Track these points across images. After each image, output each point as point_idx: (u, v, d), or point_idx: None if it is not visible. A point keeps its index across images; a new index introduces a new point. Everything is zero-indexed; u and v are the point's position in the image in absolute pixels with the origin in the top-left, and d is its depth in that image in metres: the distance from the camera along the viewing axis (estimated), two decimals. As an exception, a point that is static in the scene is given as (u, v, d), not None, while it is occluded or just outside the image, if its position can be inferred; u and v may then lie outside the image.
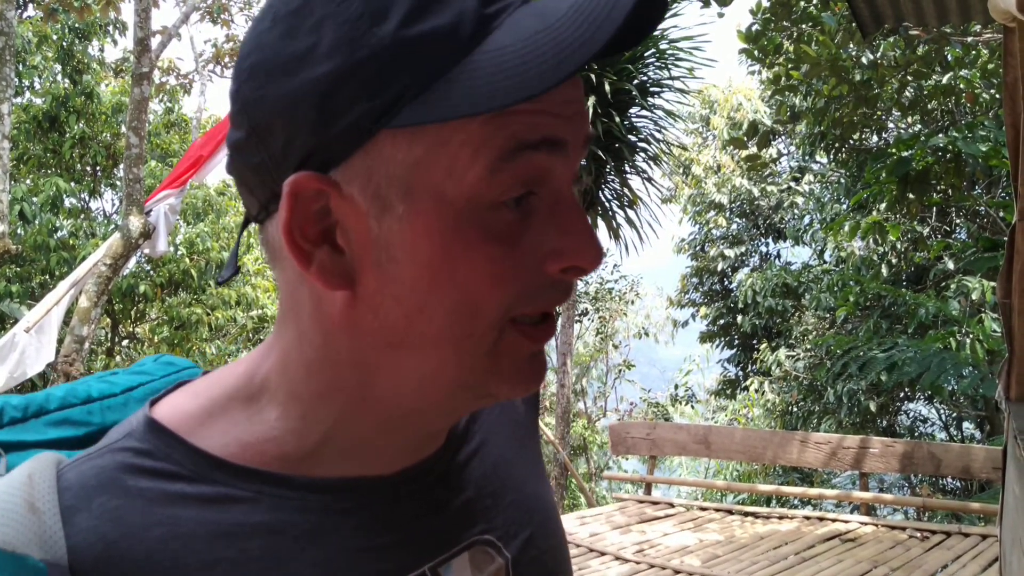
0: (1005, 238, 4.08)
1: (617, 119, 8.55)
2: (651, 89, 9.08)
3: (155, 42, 7.67)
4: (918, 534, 5.49)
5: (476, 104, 0.52)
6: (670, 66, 9.06)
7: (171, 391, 0.67)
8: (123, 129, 9.59)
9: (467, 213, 0.56)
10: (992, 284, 7.84)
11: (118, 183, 11.20)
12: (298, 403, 0.63)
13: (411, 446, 0.67)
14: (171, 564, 0.57)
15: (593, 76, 8.33)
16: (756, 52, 8.47)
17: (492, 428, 0.77)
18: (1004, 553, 4.08)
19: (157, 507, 0.58)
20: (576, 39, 0.52)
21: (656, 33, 8.91)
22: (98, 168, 11.35)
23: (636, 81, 8.85)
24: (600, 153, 8.54)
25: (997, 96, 8.33)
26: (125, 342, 12.27)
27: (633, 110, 9.01)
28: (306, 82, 0.54)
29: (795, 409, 11.80)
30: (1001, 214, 9.10)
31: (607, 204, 9.24)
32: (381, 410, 0.63)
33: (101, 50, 11.08)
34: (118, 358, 11.91)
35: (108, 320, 11.18)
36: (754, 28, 8.27)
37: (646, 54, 8.94)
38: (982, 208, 9.91)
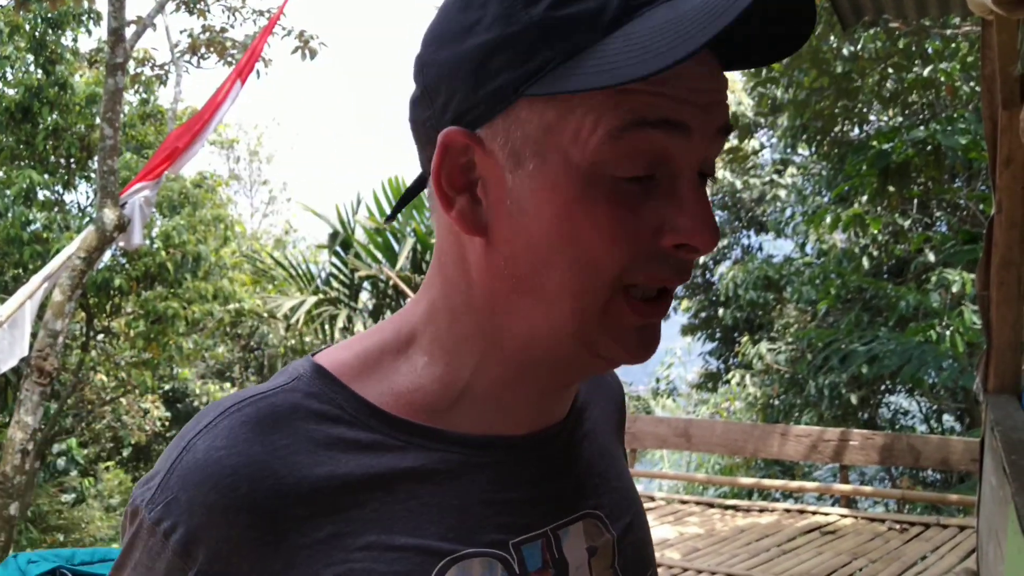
0: (984, 231, 4.08)
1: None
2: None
3: (130, 32, 7.57)
4: (897, 526, 5.49)
5: (600, 79, 0.58)
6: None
7: (326, 349, 0.75)
8: (97, 120, 9.47)
9: (590, 177, 0.63)
10: (972, 276, 7.85)
11: (92, 175, 11.06)
12: (443, 349, 0.71)
13: (538, 407, 0.74)
14: (330, 501, 0.65)
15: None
16: (737, 44, 8.44)
17: (598, 421, 0.84)
18: (981, 544, 4.09)
19: (321, 448, 0.66)
20: (696, 26, 0.57)
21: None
22: (72, 160, 11.21)
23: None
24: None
25: (976, 88, 8.34)
26: (100, 336, 12.15)
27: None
28: (468, 49, 0.64)
29: (776, 402, 11.81)
30: (981, 207, 9.13)
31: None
32: (512, 358, 0.70)
33: (75, 40, 10.91)
34: (93, 352, 11.80)
35: (83, 314, 11.06)
36: (735, 19, 8.24)
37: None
38: (962, 201, 9.94)
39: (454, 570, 0.67)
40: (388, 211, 11.51)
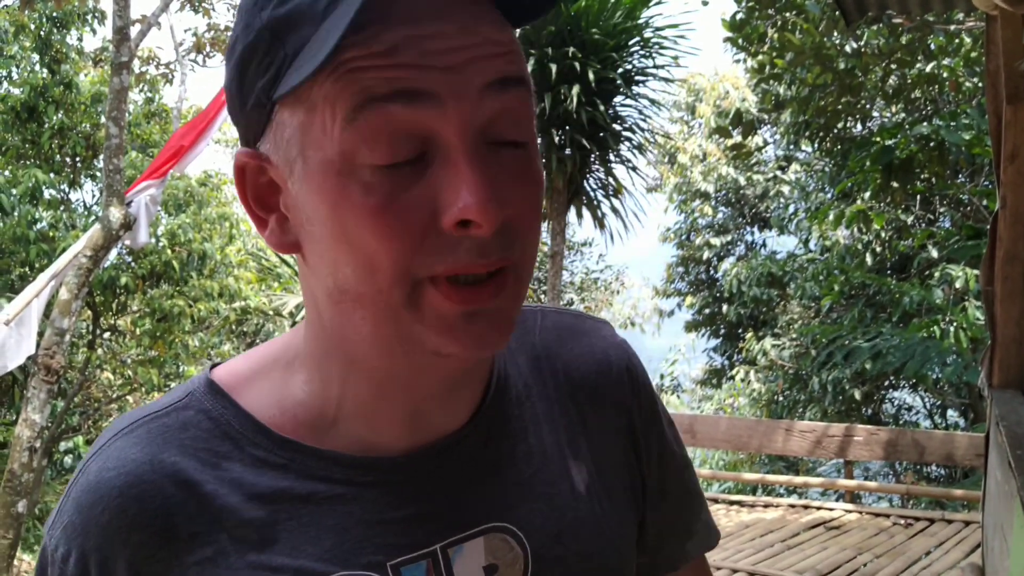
0: (988, 226, 4.08)
1: (602, 108, 8.52)
2: (636, 78, 9.05)
3: (134, 31, 7.59)
4: (902, 521, 5.50)
5: (312, 62, 0.56)
6: (655, 55, 9.03)
7: (230, 359, 0.75)
8: (103, 119, 9.50)
9: (343, 169, 0.59)
10: (975, 272, 7.86)
11: (98, 174, 11.09)
12: (315, 366, 0.69)
13: (417, 419, 0.70)
14: (215, 519, 0.65)
15: (578, 64, 8.29)
16: (740, 40, 8.45)
17: (538, 420, 0.77)
18: (987, 538, 4.10)
19: (208, 467, 0.66)
20: None
21: (640, 21, 8.88)
22: (78, 159, 11.23)
23: (620, 70, 8.81)
24: (584, 142, 8.51)
25: (980, 84, 8.34)
26: (107, 334, 12.18)
27: (618, 99, 8.97)
28: (231, 67, 0.64)
29: (781, 398, 11.82)
30: (984, 202, 9.12)
31: (592, 193, 9.21)
32: (369, 372, 0.67)
33: (80, 39, 10.95)
34: (100, 351, 11.83)
35: (89, 312, 11.08)
36: (738, 16, 8.26)
37: (631, 43, 8.91)
38: (965, 196, 9.94)
39: None
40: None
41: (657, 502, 0.85)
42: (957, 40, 8.26)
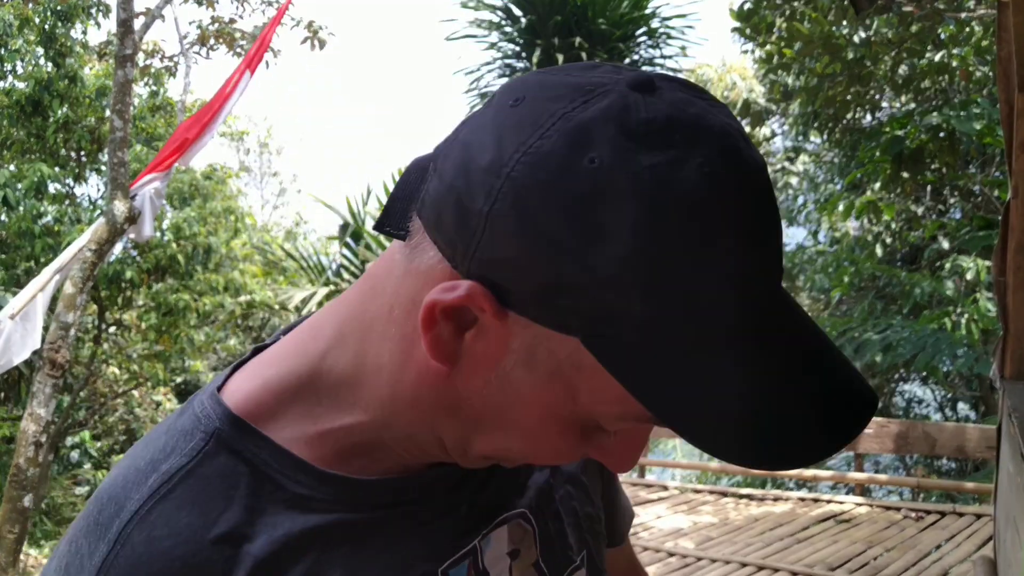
0: (999, 216, 4.03)
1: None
2: (643, 68, 9.01)
3: (138, 24, 7.57)
4: (913, 514, 5.46)
5: (680, 423, 0.57)
6: (662, 45, 8.99)
7: (230, 376, 0.70)
8: (107, 113, 9.48)
9: (579, 418, 0.61)
10: (987, 263, 7.79)
11: (103, 168, 11.07)
12: (349, 395, 0.66)
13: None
14: (274, 566, 0.62)
15: (584, 55, 8.24)
16: (748, 30, 8.39)
17: None
18: (998, 532, 4.05)
19: (257, 515, 0.64)
20: (803, 443, 0.57)
21: (647, 11, 8.83)
22: (82, 153, 11.21)
23: (628, 60, 8.77)
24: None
25: (991, 73, 8.25)
26: (112, 329, 12.18)
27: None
28: (558, 264, 0.54)
29: (789, 391, 11.78)
30: (996, 192, 9.05)
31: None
32: (419, 445, 0.67)
33: (84, 33, 10.88)
34: (105, 345, 11.83)
35: (94, 307, 11.07)
36: (746, 6, 8.19)
37: (637, 33, 8.86)
38: (976, 186, 9.86)
39: None
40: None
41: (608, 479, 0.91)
42: (968, 28, 8.18)
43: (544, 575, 0.77)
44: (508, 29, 10.26)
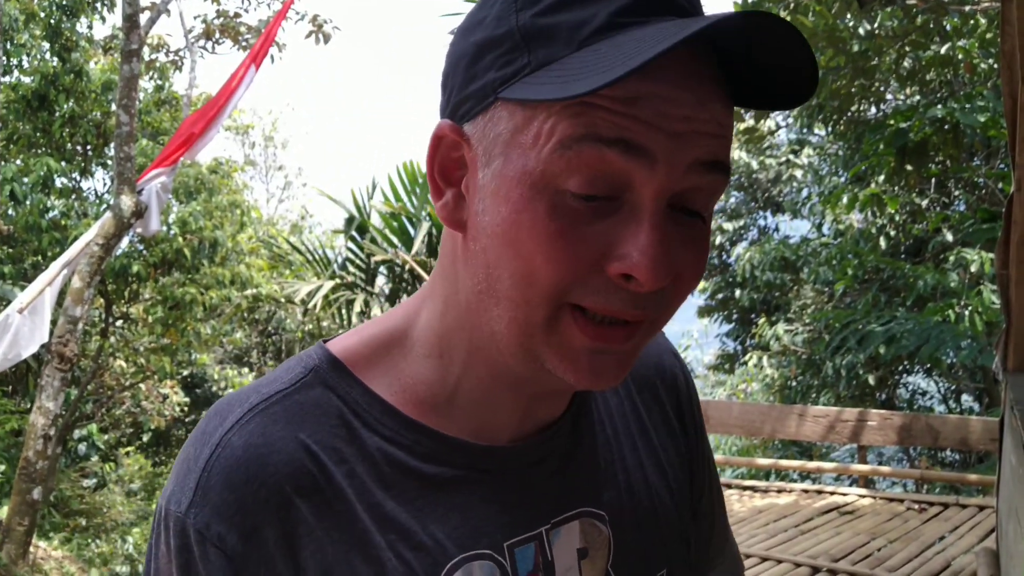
0: (1003, 209, 4.04)
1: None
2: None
3: (144, 18, 7.59)
4: (916, 506, 5.47)
5: (553, 91, 0.58)
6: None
7: (338, 335, 0.77)
8: (113, 107, 9.51)
9: (539, 184, 0.61)
10: (991, 256, 7.79)
11: (109, 162, 11.11)
12: (438, 344, 0.72)
13: (528, 410, 0.75)
14: (356, 492, 0.68)
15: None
16: (752, 23, 8.37)
17: (611, 412, 0.83)
18: (1001, 523, 4.08)
19: (344, 445, 0.69)
20: (651, 44, 0.56)
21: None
22: (88, 147, 11.25)
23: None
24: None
25: (995, 66, 8.25)
26: (119, 322, 12.23)
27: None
28: (468, 44, 0.65)
29: (794, 383, 11.77)
30: (1000, 185, 9.05)
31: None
32: (488, 361, 0.71)
33: (89, 27, 10.93)
34: (112, 339, 11.88)
35: (102, 300, 11.13)
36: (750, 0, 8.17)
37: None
38: (980, 179, 9.85)
39: (459, 572, 0.70)
40: (403, 195, 11.52)
41: (698, 518, 0.91)
42: (972, 21, 8.17)
43: None
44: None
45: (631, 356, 0.68)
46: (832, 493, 5.90)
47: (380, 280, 11.97)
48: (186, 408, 13.45)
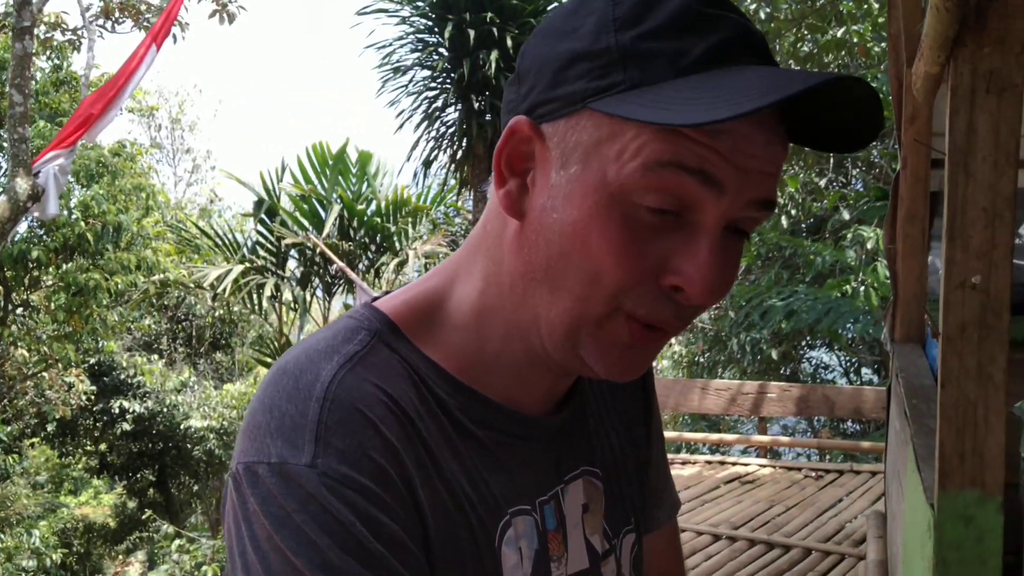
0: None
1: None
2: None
3: (37, -5, 7.33)
4: (813, 474, 5.69)
5: (650, 115, 0.62)
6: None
7: (379, 298, 0.81)
8: (6, 88, 9.17)
9: (617, 197, 0.66)
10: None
11: (3, 144, 10.72)
12: (479, 317, 0.77)
13: (553, 385, 0.82)
14: (437, 443, 0.74)
15: (496, 30, 8.26)
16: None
17: (592, 384, 0.92)
18: (888, 485, 4.26)
19: (416, 401, 0.73)
20: (753, 95, 0.61)
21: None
22: (-18, 129, 10.84)
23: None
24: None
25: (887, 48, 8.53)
26: (19, 310, 11.84)
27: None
28: (559, 51, 0.69)
29: (701, 360, 12.05)
30: (894, 164, 9.37)
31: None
32: (524, 338, 0.76)
33: (-20, 4, 10.54)
34: (13, 327, 11.49)
35: (0, 288, 10.76)
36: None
37: (549, 8, 8.89)
38: (876, 158, 10.21)
39: (509, 526, 0.78)
40: (313, 178, 11.38)
41: (650, 467, 1.01)
42: (866, 6, 8.45)
43: (607, 532, 0.88)
44: (420, 3, 10.19)
45: (655, 355, 0.76)
46: (734, 464, 6.09)
47: (291, 263, 11.84)
48: (93, 396, 13.11)
